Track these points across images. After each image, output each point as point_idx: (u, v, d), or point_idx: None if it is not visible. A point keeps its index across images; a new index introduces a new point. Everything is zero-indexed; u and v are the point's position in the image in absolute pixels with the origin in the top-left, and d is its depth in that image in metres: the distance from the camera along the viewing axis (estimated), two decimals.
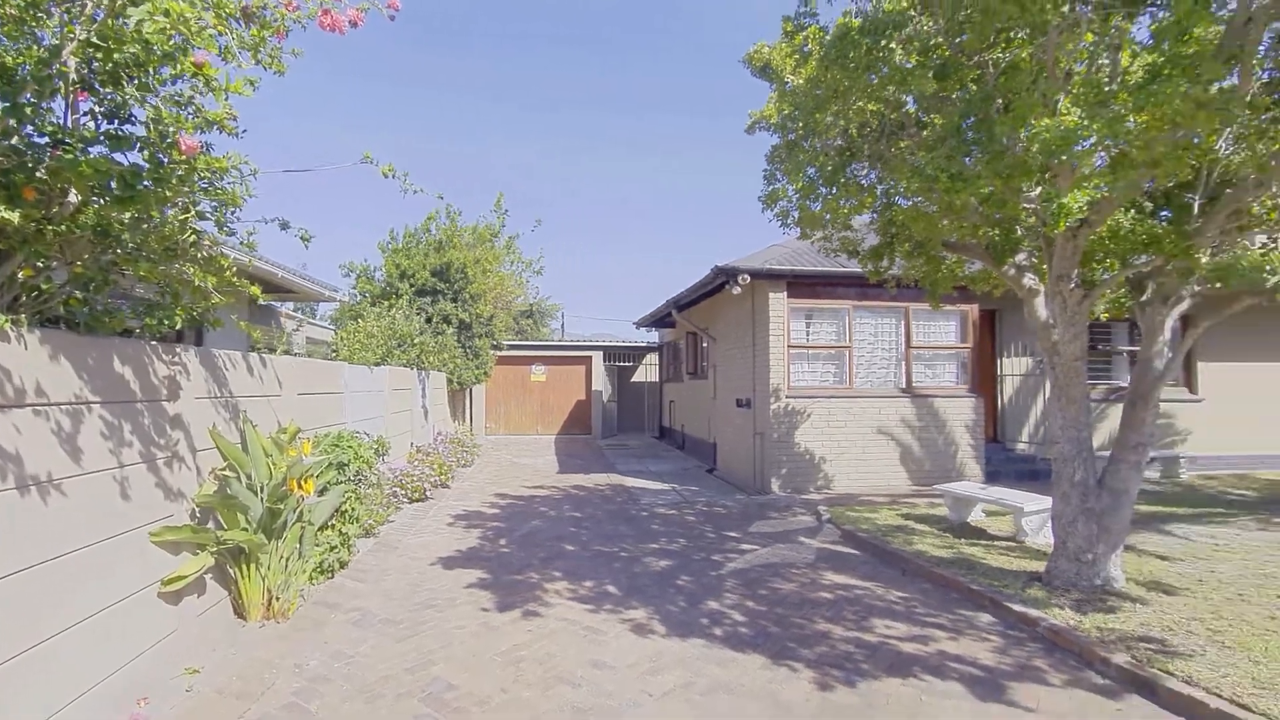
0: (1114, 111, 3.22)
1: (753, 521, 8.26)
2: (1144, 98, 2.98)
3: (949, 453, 10.27)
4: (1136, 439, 4.87)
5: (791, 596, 5.41)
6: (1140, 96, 3.01)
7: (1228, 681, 3.52)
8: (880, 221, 5.36)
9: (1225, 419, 11.66)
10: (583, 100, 78.37)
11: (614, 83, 77.69)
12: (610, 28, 74.05)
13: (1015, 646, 4.34)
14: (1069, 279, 4.69)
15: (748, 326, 10.94)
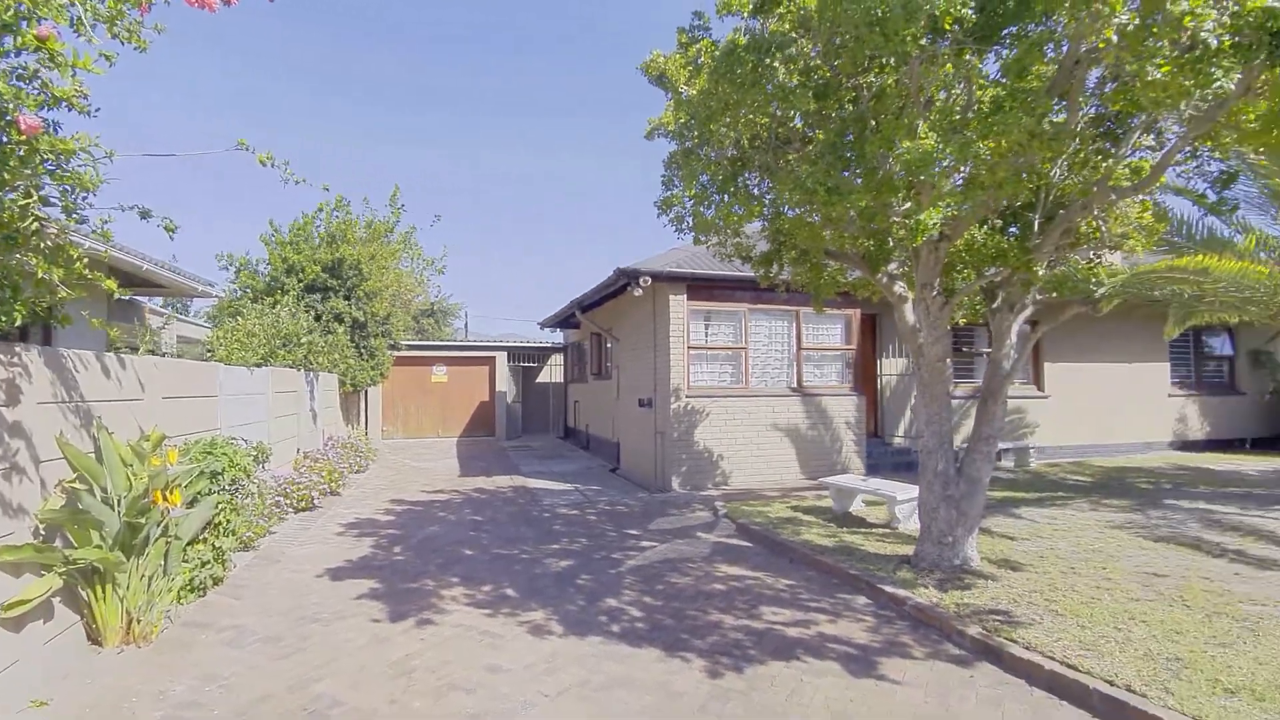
0: (966, 137, 3.59)
1: (653, 519, 8.44)
2: (988, 126, 3.36)
3: (835, 448, 10.93)
4: (988, 432, 5.42)
5: (687, 590, 5.59)
6: (985, 125, 3.39)
7: (1059, 645, 4.00)
8: (769, 229, 5.66)
9: (1067, 413, 13.14)
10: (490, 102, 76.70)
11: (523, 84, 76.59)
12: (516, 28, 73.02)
13: (886, 625, 4.72)
14: (932, 287, 5.16)
15: (649, 328, 11.15)
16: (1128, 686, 3.47)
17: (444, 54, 73.18)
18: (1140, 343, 13.60)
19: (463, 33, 73.09)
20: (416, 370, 20.17)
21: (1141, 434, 13.80)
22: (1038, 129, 3.48)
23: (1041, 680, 3.77)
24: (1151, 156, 4.84)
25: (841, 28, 3.71)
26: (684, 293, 10.40)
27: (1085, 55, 3.83)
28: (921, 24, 3.39)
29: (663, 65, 5.41)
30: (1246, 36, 2.79)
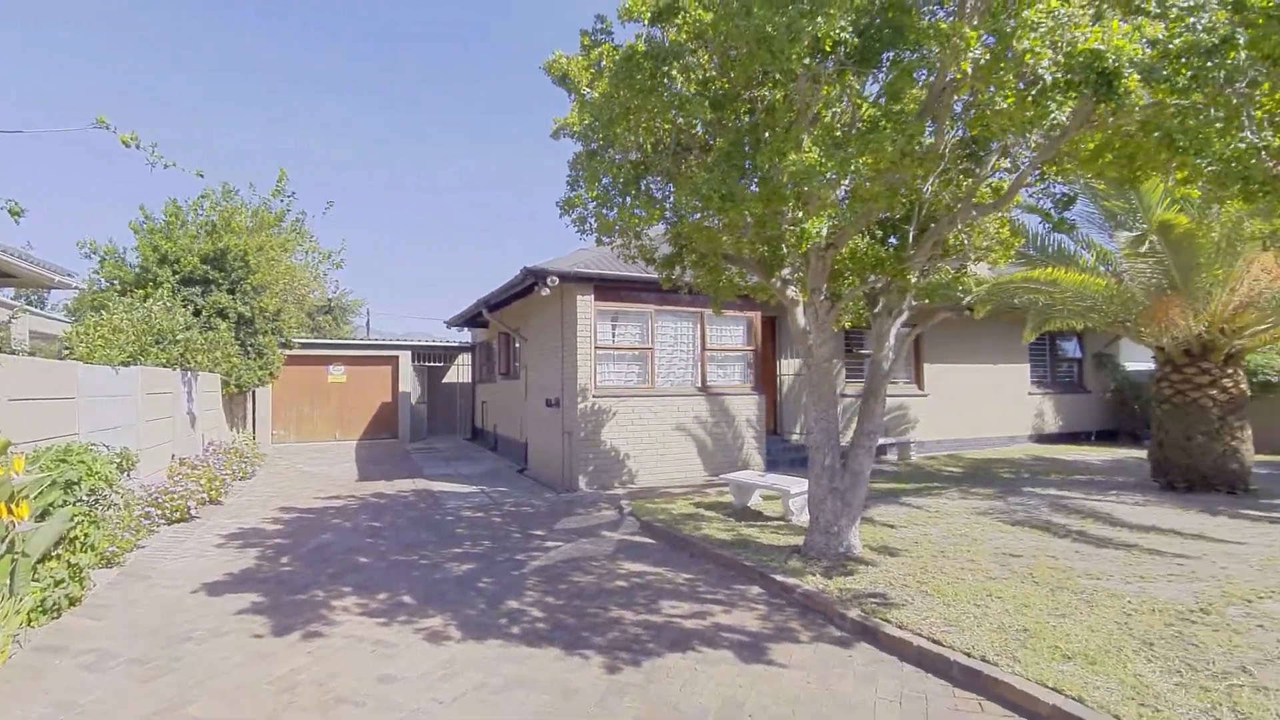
0: (846, 154, 3.85)
1: (559, 519, 8.43)
2: (865, 143, 3.63)
3: (737, 445, 11.33)
4: (870, 428, 5.82)
5: (590, 588, 5.64)
6: (863, 142, 3.66)
7: (927, 623, 4.36)
8: (671, 232, 5.81)
9: (943, 410, 14.26)
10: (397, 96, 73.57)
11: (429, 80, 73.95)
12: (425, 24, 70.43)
13: (776, 612, 4.97)
14: (820, 292, 5.49)
15: (557, 328, 11.12)
16: (983, 657, 3.84)
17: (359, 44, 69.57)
18: (1005, 346, 14.95)
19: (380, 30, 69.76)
20: (312, 370, 19.08)
21: (1006, 428, 15.18)
22: (909, 148, 3.79)
23: (911, 656, 4.11)
24: (1008, 178, 5.38)
25: (734, 43, 3.89)
26: (591, 293, 10.45)
27: (950, 84, 4.21)
28: (805, 44, 3.62)
29: (565, 66, 5.44)
30: (1077, 74, 3.18)
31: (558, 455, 10.98)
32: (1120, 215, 9.36)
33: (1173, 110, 3.20)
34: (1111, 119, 3.55)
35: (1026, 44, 3.10)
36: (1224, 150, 3.17)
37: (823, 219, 3.83)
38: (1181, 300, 8.48)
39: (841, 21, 3.72)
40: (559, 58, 5.49)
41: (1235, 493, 8.61)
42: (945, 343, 14.32)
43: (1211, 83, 2.94)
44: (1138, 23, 3.05)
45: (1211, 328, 8.69)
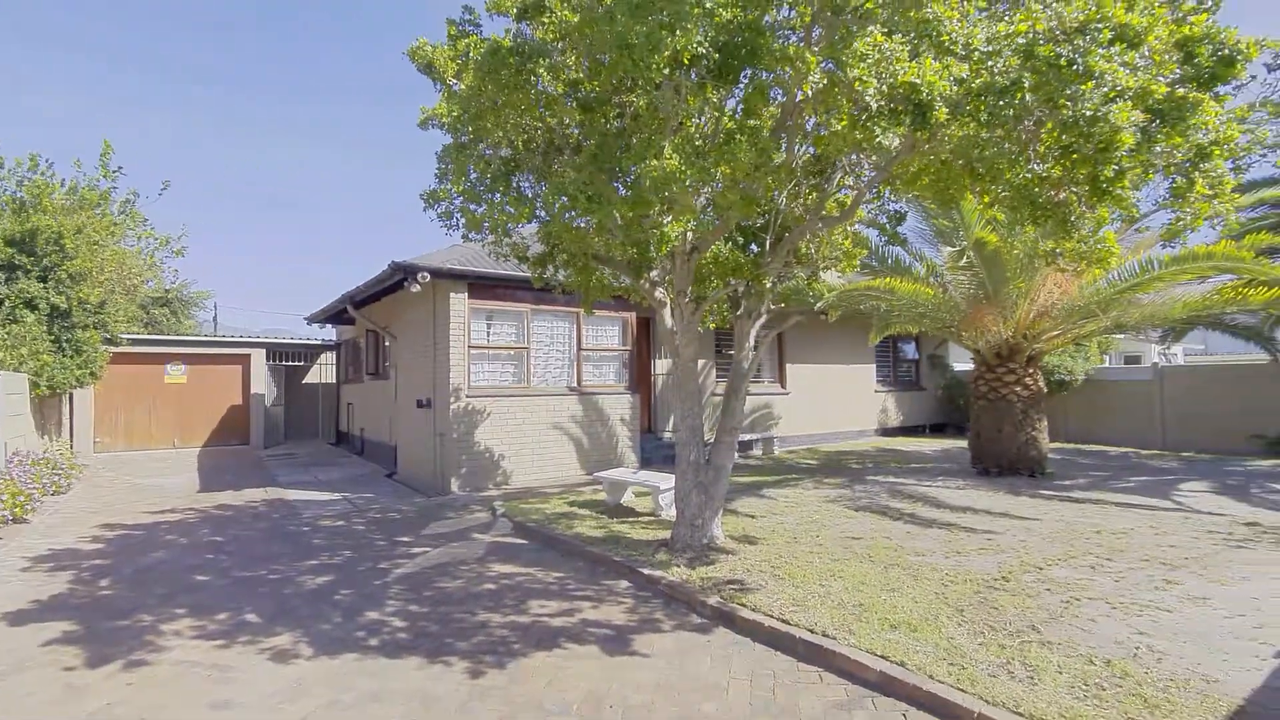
0: (705, 163, 4.05)
1: (428, 523, 8.15)
2: (721, 155, 3.86)
3: (612, 444, 11.51)
4: (731, 424, 6.16)
5: (457, 593, 5.52)
6: (719, 154, 3.89)
7: (777, 605, 4.69)
8: (542, 231, 5.82)
9: (803, 407, 15.31)
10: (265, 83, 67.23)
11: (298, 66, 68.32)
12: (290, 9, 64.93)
13: (642, 605, 5.13)
14: (685, 294, 5.73)
15: (429, 326, 10.72)
16: (824, 632, 4.20)
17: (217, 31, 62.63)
18: (855, 348, 16.29)
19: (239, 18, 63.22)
20: (145, 369, 17.00)
21: (857, 423, 16.57)
22: (762, 161, 4.07)
23: (763, 636, 4.40)
24: (853, 194, 5.90)
25: (599, 48, 3.97)
26: (465, 291, 10.18)
27: (797, 105, 4.57)
28: (666, 55, 3.78)
29: (430, 54, 5.27)
30: (899, 104, 3.57)
31: (429, 458, 10.59)
32: (945, 232, 10.54)
33: (974, 142, 3.71)
34: (927, 146, 4.04)
35: (856, 73, 3.45)
36: (1015, 179, 3.72)
37: (683, 224, 4.01)
38: (994, 309, 9.70)
39: (700, 36, 3.92)
40: (423, 45, 5.31)
41: (1034, 476, 9.97)
42: (805, 344, 15.37)
43: (1004, 119, 3.44)
44: (947, 62, 3.48)
45: (1016, 333, 10.00)
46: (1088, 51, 3.13)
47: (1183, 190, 3.34)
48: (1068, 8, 3.33)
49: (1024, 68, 3.53)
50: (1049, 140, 3.56)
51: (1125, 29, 3.17)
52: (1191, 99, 3.17)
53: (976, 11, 3.74)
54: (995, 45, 3.45)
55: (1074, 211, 4.31)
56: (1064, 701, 3.30)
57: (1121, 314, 9.43)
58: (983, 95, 3.39)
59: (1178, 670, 3.65)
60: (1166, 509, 7.83)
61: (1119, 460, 12.39)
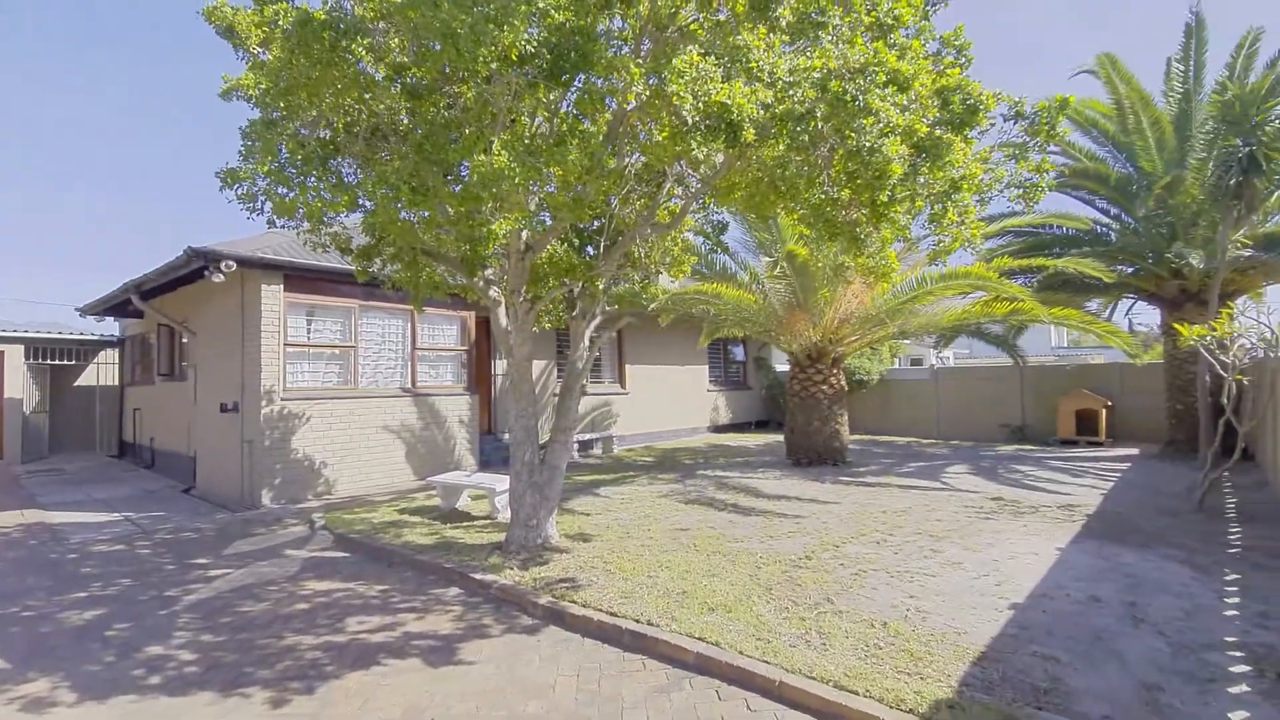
0: (535, 162, 4.05)
1: (232, 542, 7.30)
2: (552, 156, 3.89)
3: (448, 447, 11.10)
4: (566, 423, 6.23)
5: (262, 617, 5.01)
6: (550, 155, 3.91)
7: (606, 598, 4.82)
8: (365, 222, 5.46)
9: (641, 406, 15.86)
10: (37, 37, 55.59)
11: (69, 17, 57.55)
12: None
13: (472, 611, 5.01)
14: (520, 293, 5.70)
15: (236, 321, 9.61)
16: (649, 621, 4.39)
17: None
18: (690, 350, 17.16)
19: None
20: None
21: (691, 421, 17.48)
22: (593, 165, 4.17)
23: (591, 631, 4.50)
24: (680, 203, 6.22)
25: (424, 33, 3.83)
26: (280, 283, 9.26)
27: (626, 113, 4.74)
28: (494, 49, 3.73)
29: (230, 17, 4.72)
30: (713, 121, 3.85)
31: (235, 468, 9.49)
32: (765, 243, 11.53)
33: (778, 162, 4.10)
34: (739, 164, 4.39)
35: (674, 88, 3.66)
36: (811, 198, 4.18)
37: (513, 222, 3.98)
38: (805, 315, 10.75)
39: (530, 34, 3.93)
40: (222, 4, 4.74)
41: (837, 465, 11.20)
42: (644, 346, 15.92)
43: (802, 144, 3.86)
44: (755, 88, 3.82)
45: (824, 338, 11.16)
46: (867, 90, 3.61)
47: (939, 217, 3.97)
48: (851, 50, 3.81)
49: (819, 99, 3.96)
50: (839, 166, 4.04)
51: (896, 74, 3.70)
52: (946, 139, 3.79)
53: (782, 45, 4.14)
54: (796, 76, 3.85)
55: (863, 231, 4.91)
56: (849, 663, 3.75)
57: (905, 322, 10.90)
58: (784, 120, 3.77)
59: (937, 626, 4.29)
60: (936, 489, 9.16)
61: (904, 449, 14.27)
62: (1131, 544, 6.25)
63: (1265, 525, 6.90)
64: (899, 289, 10.56)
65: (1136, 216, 11.84)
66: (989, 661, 3.79)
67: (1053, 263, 10.93)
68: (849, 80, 3.71)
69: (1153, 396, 13.97)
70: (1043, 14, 37.28)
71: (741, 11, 4.15)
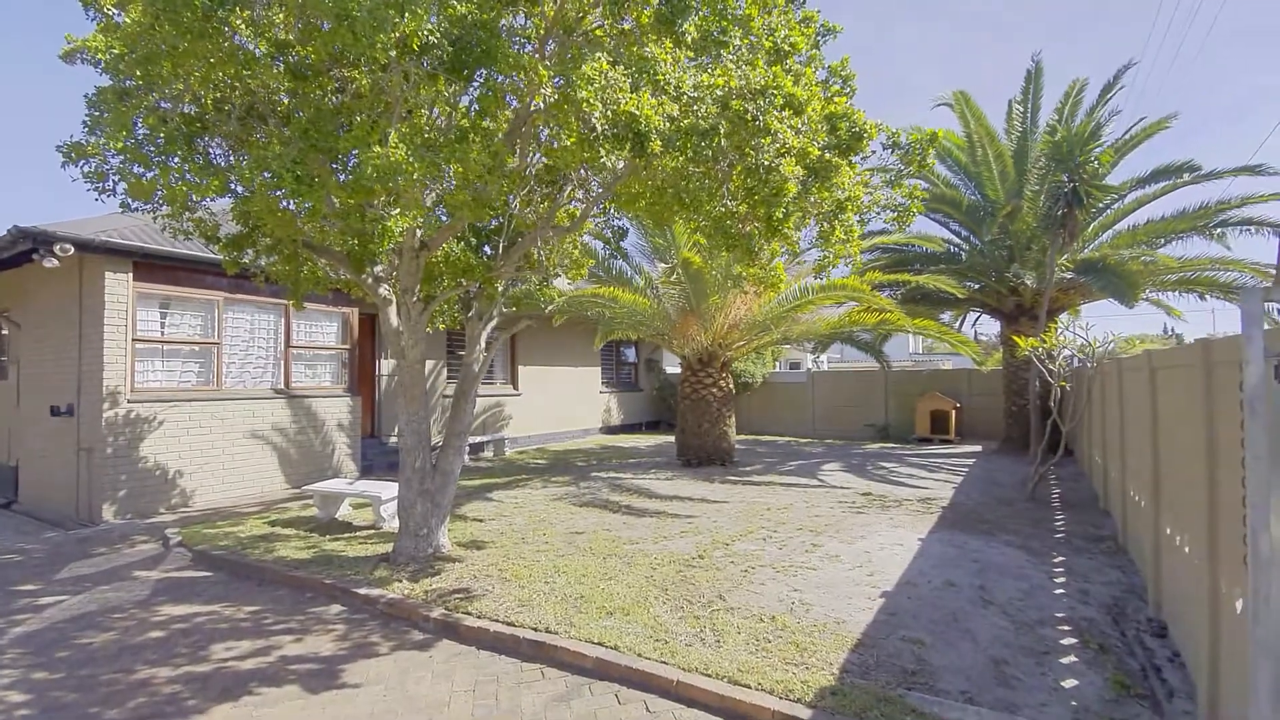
0: (435, 158, 3.90)
1: (66, 564, 6.42)
2: (453, 152, 3.76)
3: (327, 452, 10.40)
4: (460, 427, 6.04)
5: (107, 649, 4.45)
6: (450, 151, 3.78)
7: (503, 608, 4.73)
8: (237, 210, 5.00)
9: (534, 408, 15.67)
10: None
11: None
12: None
13: (357, 629, 4.73)
14: (413, 293, 5.45)
15: (73, 312, 8.47)
16: (546, 629, 4.36)
17: None
18: (583, 351, 17.19)
19: None
20: None
21: (583, 422, 17.50)
22: (494, 164, 4.07)
23: (487, 642, 4.40)
24: (581, 207, 6.23)
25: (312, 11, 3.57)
26: (129, 271, 8.26)
27: (530, 114, 4.68)
28: (393, 35, 3.55)
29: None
30: (622, 131, 3.89)
31: (70, 480, 8.37)
32: (660, 250, 11.81)
33: (681, 174, 4.23)
34: (645, 173, 4.48)
35: (584, 94, 3.67)
36: (712, 210, 4.34)
37: (410, 219, 3.81)
38: (697, 320, 11.11)
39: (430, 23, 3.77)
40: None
41: (725, 464, 11.66)
42: (537, 347, 15.73)
43: (705, 158, 4.00)
44: (662, 100, 3.92)
45: (714, 342, 11.59)
46: (766, 111, 3.81)
47: (826, 234, 4.27)
48: (752, 72, 4.00)
49: (721, 116, 4.12)
50: (738, 182, 4.23)
51: (792, 98, 3.93)
52: (834, 162, 4.07)
53: (686, 60, 4.26)
54: (700, 92, 3.98)
55: (757, 243, 5.17)
56: (742, 658, 3.93)
57: (788, 329, 11.57)
58: (689, 134, 3.88)
59: (819, 618, 4.59)
60: (814, 486, 9.79)
61: (784, 448, 15.11)
62: (977, 532, 6.99)
63: (1082, 511, 7.97)
64: (783, 298, 11.16)
65: (983, 239, 13.27)
66: (864, 648, 4.11)
67: (915, 279, 12.05)
68: (750, 100, 3.89)
69: (994, 399, 15.71)
70: (913, 49, 40.73)
71: (647, 23, 4.21)
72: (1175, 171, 11.62)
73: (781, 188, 3.84)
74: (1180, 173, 11.50)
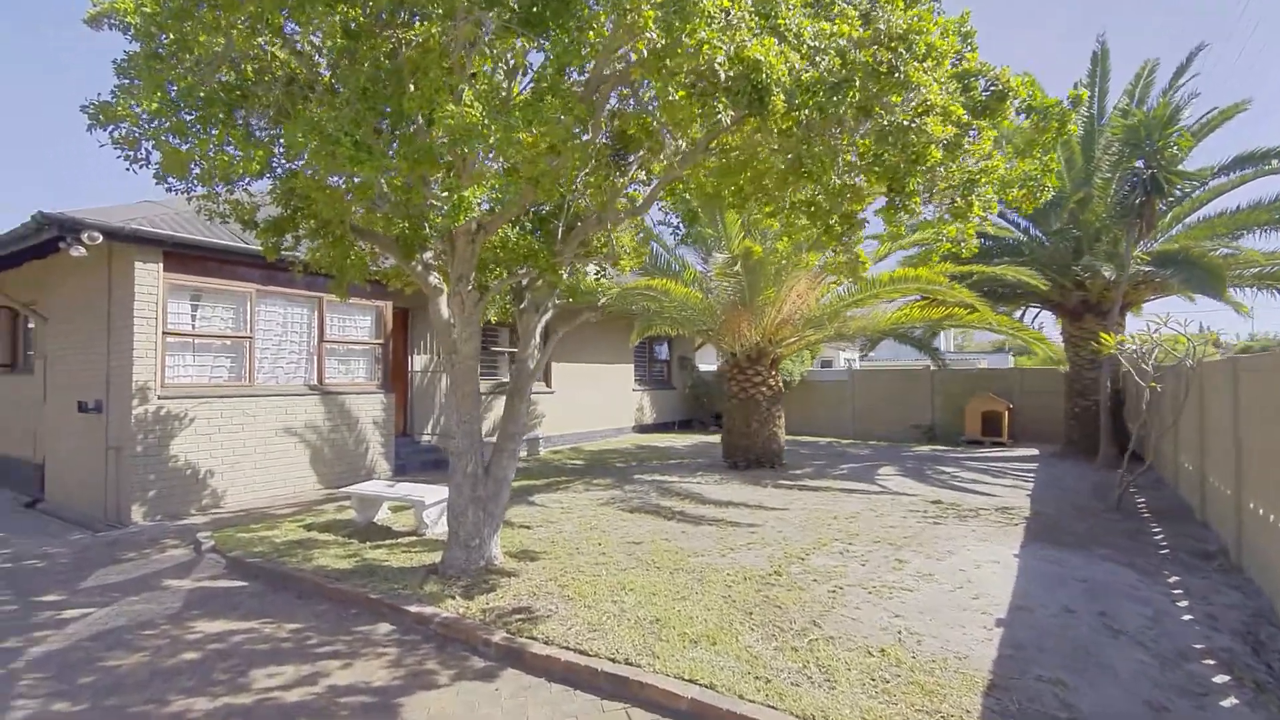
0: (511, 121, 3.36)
1: (93, 571, 6.05)
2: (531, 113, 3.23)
3: (360, 451, 9.99)
4: (514, 429, 5.54)
5: (137, 673, 4.02)
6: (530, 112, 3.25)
7: (572, 633, 4.21)
8: (280, 189, 4.54)
9: (568, 405, 15.17)
10: None
11: None
12: None
13: (410, 653, 4.25)
14: (467, 281, 4.95)
15: (101, 305, 8.14)
16: (626, 660, 3.83)
17: None
18: (617, 348, 16.64)
19: None
20: None
21: (615, 421, 16.97)
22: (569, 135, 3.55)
23: (558, 673, 3.88)
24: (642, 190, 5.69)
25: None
26: (159, 261, 7.90)
27: (610, 76, 4.13)
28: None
29: None
30: (736, 83, 3.31)
31: (98, 479, 8.05)
32: (708, 240, 11.23)
33: (802, 138, 3.65)
34: (756, 135, 3.85)
35: (705, 34, 3.09)
36: (829, 182, 3.75)
37: (484, 188, 3.30)
38: (749, 315, 10.52)
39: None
40: None
41: (774, 467, 11.06)
42: (570, 343, 15.19)
43: (834, 117, 3.42)
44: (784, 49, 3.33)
45: (764, 338, 10.99)
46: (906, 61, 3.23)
47: (962, 212, 3.68)
48: (894, 12, 3.41)
49: (852, 68, 3.50)
50: (864, 146, 3.64)
51: (933, 48, 3.35)
52: (979, 125, 3.49)
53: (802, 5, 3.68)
54: (821, 41, 3.41)
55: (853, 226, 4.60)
56: (861, 702, 3.37)
57: (842, 325, 10.92)
58: (813, 89, 3.31)
59: (935, 651, 4.02)
60: (876, 492, 9.17)
61: (828, 449, 14.46)
62: (1071, 546, 6.37)
63: (1177, 523, 7.29)
64: (841, 291, 10.53)
65: (1048, 231, 12.50)
66: (999, 691, 3.53)
67: (994, 270, 11.21)
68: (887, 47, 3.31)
69: (1051, 399, 14.92)
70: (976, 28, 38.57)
71: None
72: (1262, 158, 10.79)
73: (923, 153, 3.27)
74: (1268, 159, 10.67)
